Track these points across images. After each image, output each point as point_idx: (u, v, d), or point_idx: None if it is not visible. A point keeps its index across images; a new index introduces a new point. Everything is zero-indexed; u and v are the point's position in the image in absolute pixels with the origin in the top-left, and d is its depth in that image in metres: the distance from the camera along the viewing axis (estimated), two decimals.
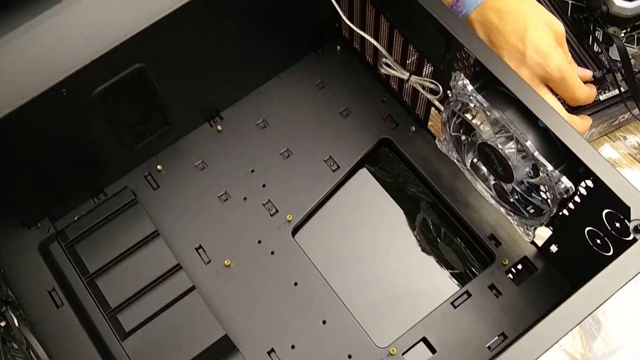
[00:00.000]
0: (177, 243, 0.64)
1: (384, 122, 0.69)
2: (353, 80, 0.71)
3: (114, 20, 0.52)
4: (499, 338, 0.58)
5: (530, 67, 0.56)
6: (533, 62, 0.55)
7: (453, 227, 0.65)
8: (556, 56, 0.56)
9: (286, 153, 0.68)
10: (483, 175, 0.58)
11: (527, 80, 0.52)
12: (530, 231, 0.56)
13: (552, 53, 0.56)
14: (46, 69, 0.50)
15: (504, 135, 0.51)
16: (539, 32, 0.56)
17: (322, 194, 0.66)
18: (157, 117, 0.63)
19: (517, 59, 0.56)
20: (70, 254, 0.62)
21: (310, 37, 0.72)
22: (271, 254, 0.63)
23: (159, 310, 0.59)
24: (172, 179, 0.68)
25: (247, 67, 0.68)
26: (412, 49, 0.60)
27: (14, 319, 0.59)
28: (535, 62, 0.55)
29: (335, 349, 0.59)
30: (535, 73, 0.56)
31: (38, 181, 0.60)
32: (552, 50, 0.56)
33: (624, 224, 0.46)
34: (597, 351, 0.62)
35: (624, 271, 0.43)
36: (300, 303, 0.61)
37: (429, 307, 0.59)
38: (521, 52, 0.55)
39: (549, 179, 0.48)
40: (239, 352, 0.59)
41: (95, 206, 0.65)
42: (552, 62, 0.55)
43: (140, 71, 0.56)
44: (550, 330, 0.42)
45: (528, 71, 0.56)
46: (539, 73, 0.56)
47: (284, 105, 0.70)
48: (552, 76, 0.56)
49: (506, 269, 0.60)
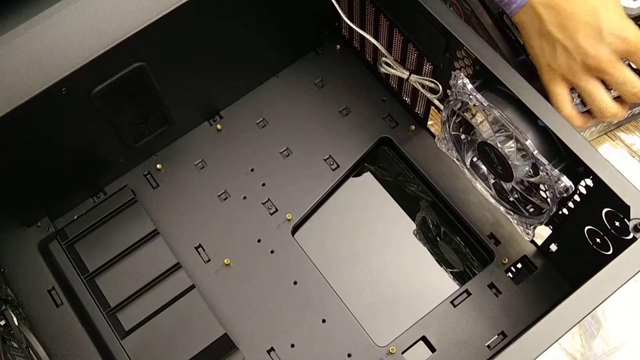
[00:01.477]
0: (176, 242, 0.64)
1: (384, 121, 0.69)
2: (353, 80, 0.71)
3: (113, 19, 0.52)
4: (498, 337, 0.58)
5: (609, 43, 0.53)
6: (612, 38, 0.53)
7: (453, 226, 0.65)
8: (632, 26, 0.54)
9: (286, 152, 0.68)
10: (483, 174, 0.58)
11: (607, 59, 0.52)
12: (530, 230, 0.56)
13: (628, 24, 0.54)
14: (46, 68, 0.50)
15: (504, 134, 0.51)
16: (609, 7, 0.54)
17: (322, 193, 0.66)
18: (156, 116, 0.63)
19: (594, 37, 0.54)
20: (69, 253, 0.62)
21: (310, 37, 0.72)
22: (271, 253, 0.64)
23: (158, 309, 0.60)
24: (171, 177, 0.68)
25: (246, 67, 0.68)
26: (412, 48, 0.60)
27: (14, 318, 0.59)
28: (614, 36, 0.53)
29: (334, 347, 0.59)
30: (615, 49, 0.54)
31: (37, 180, 0.60)
32: (628, 21, 0.55)
33: (623, 223, 0.46)
34: (597, 350, 0.62)
35: (623, 270, 0.43)
36: (299, 302, 0.61)
37: (428, 306, 0.60)
38: (598, 30, 0.53)
39: (549, 177, 0.48)
40: (238, 351, 0.59)
41: (94, 205, 0.65)
42: (632, 33, 0.54)
43: (140, 70, 0.56)
44: (549, 329, 0.42)
45: (608, 48, 0.54)
46: (619, 48, 0.54)
47: (283, 104, 0.70)
48: (630, 48, 0.53)
49: (506, 268, 0.60)
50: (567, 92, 0.56)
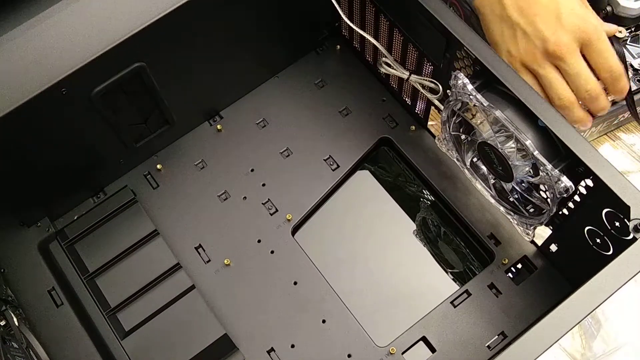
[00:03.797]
0: (176, 242, 0.64)
1: (384, 122, 0.69)
2: (353, 80, 0.71)
3: (113, 19, 0.52)
4: (498, 337, 0.58)
5: (569, 30, 0.52)
6: (572, 25, 0.52)
7: (453, 227, 0.65)
8: (592, 15, 0.53)
9: (286, 152, 0.68)
10: (483, 175, 0.58)
11: (566, 45, 0.51)
12: (530, 230, 0.56)
13: (588, 13, 0.53)
14: (46, 68, 0.50)
15: (504, 134, 0.51)
16: None
17: (322, 193, 0.66)
18: (156, 116, 0.63)
19: (554, 22, 0.53)
20: (69, 253, 0.62)
21: (310, 37, 0.72)
22: (271, 253, 0.63)
23: (158, 309, 0.60)
24: (171, 178, 0.68)
25: (246, 67, 0.68)
26: (412, 48, 0.60)
27: (14, 318, 0.59)
28: (573, 24, 0.52)
29: (335, 348, 0.59)
30: (574, 37, 0.53)
31: (37, 180, 0.60)
32: (588, 10, 0.53)
33: (623, 223, 0.46)
34: (597, 350, 0.62)
35: (623, 270, 0.43)
36: (300, 302, 0.61)
37: (428, 307, 0.59)
38: (557, 15, 0.53)
39: (549, 178, 0.48)
40: (238, 351, 0.59)
41: (94, 205, 0.65)
42: (590, 22, 0.53)
43: (140, 70, 0.56)
44: (549, 329, 0.42)
45: (568, 35, 0.53)
46: (578, 36, 0.53)
47: (283, 104, 0.70)
48: (590, 37, 0.52)
49: (506, 268, 0.60)
50: (530, 77, 0.55)
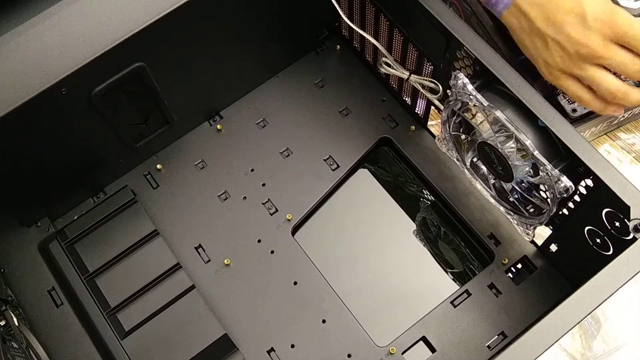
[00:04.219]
0: (176, 242, 0.64)
1: (384, 122, 0.69)
2: (353, 80, 0.71)
3: (113, 19, 0.52)
4: (498, 337, 0.58)
5: (597, 29, 0.52)
6: (599, 23, 0.52)
7: (453, 227, 0.65)
8: (618, 10, 0.53)
9: (286, 152, 0.68)
10: (483, 175, 0.58)
11: (599, 44, 0.51)
12: (530, 230, 0.56)
13: (613, 8, 0.53)
14: (46, 68, 0.50)
15: (504, 134, 0.51)
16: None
17: (322, 193, 0.66)
18: (156, 116, 0.63)
19: (581, 24, 0.53)
20: (69, 253, 0.62)
21: (310, 37, 0.72)
22: (271, 253, 0.63)
23: (158, 309, 0.60)
24: (171, 178, 0.68)
25: (246, 67, 0.68)
26: (412, 48, 0.60)
27: (14, 318, 0.59)
28: (600, 21, 0.52)
29: (335, 348, 0.59)
30: (604, 34, 0.52)
31: (37, 180, 0.60)
32: (612, 5, 0.53)
33: (623, 223, 0.46)
34: (597, 350, 0.62)
35: (623, 270, 0.43)
36: (300, 302, 0.61)
37: (428, 306, 0.59)
38: (583, 17, 0.52)
39: (549, 178, 0.48)
40: (238, 351, 0.59)
41: (94, 205, 0.65)
42: (618, 16, 0.52)
43: (140, 70, 0.56)
44: (550, 329, 0.42)
45: (597, 34, 0.52)
46: (607, 33, 0.52)
47: (283, 104, 0.70)
48: (621, 28, 0.52)
49: (506, 268, 0.60)
50: (574, 82, 0.55)
